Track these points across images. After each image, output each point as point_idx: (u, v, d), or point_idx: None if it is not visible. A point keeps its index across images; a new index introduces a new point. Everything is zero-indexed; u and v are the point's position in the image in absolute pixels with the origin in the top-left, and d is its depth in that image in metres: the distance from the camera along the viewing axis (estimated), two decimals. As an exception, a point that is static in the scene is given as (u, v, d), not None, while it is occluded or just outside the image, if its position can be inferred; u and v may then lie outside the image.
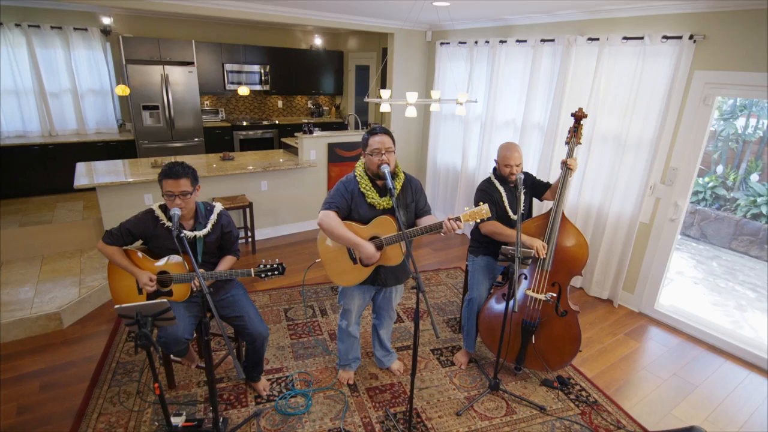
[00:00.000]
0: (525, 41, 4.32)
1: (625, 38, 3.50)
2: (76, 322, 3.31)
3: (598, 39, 3.68)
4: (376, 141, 2.27)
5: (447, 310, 3.73)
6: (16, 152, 5.31)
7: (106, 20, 5.89)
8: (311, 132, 5.10)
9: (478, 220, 2.22)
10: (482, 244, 3.03)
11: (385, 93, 3.23)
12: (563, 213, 2.72)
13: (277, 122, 7.38)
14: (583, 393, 2.80)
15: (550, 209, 2.74)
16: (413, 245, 4.82)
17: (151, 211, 2.26)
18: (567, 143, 2.79)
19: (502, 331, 2.60)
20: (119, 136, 6.09)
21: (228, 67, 6.83)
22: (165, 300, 1.70)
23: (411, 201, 2.46)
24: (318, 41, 7.84)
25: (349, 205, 2.34)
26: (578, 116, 2.80)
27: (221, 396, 2.63)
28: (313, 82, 7.75)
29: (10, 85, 5.51)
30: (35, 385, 2.68)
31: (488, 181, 2.95)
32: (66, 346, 3.05)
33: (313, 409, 2.57)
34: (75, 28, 5.70)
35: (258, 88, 7.22)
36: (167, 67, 5.95)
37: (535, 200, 3.10)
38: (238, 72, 6.95)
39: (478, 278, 2.94)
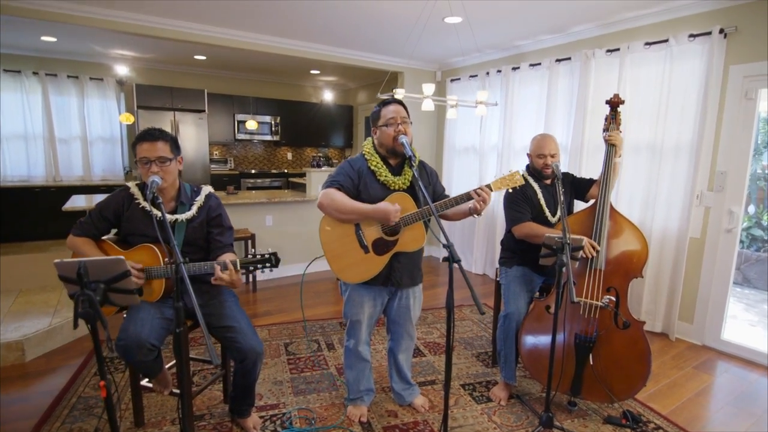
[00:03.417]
0: (539, 64, 4.22)
1: (647, 44, 3.35)
2: (41, 355, 2.82)
3: (618, 49, 3.53)
4: (390, 110, 2.00)
5: (476, 344, 3.18)
6: (15, 194, 5.14)
7: (122, 71, 6.03)
8: (320, 166, 4.89)
9: (510, 189, 1.92)
10: (516, 253, 2.60)
11: (399, 92, 3.03)
12: (611, 205, 2.33)
13: (286, 171, 7.27)
14: (661, 432, 2.19)
15: (595, 201, 2.36)
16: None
17: (126, 189, 1.92)
18: (605, 130, 2.49)
19: (552, 350, 2.09)
20: (125, 182, 5.95)
21: (239, 117, 6.88)
22: (121, 257, 1.30)
23: (428, 185, 2.13)
24: (328, 96, 7.98)
25: (357, 186, 2.00)
26: (614, 103, 2.53)
27: (200, 435, 2.08)
28: (322, 135, 7.76)
29: (20, 131, 5.50)
30: (-28, 423, 2.16)
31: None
32: (23, 380, 2.54)
33: (315, 451, 2.00)
34: (91, 78, 5.82)
35: (268, 138, 7.22)
36: (178, 114, 5.97)
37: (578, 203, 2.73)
38: (249, 122, 6.98)
39: (514, 290, 2.47)
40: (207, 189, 2.04)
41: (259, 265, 1.77)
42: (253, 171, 6.96)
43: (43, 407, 2.26)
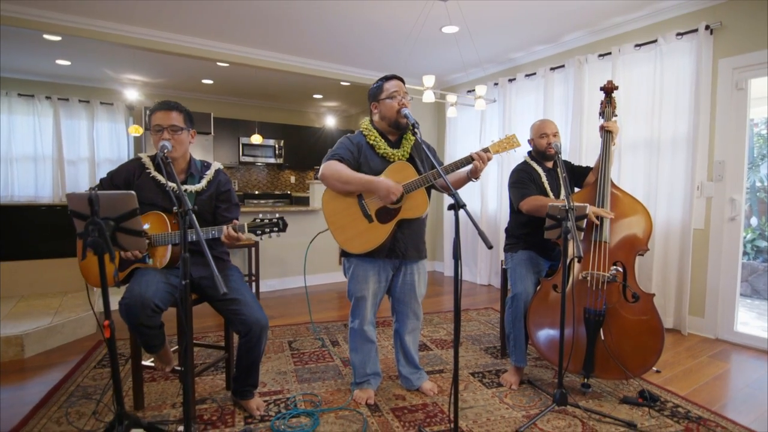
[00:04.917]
0: (534, 74, 4.37)
1: (637, 45, 3.49)
2: (41, 352, 2.77)
3: (609, 53, 3.68)
4: (393, 84, 2.08)
5: (484, 340, 3.11)
6: (20, 212, 5.18)
7: (132, 95, 6.24)
8: (323, 179, 4.96)
9: (509, 151, 1.96)
10: (520, 238, 2.60)
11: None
12: (612, 181, 2.36)
13: (289, 192, 7.35)
14: (680, 409, 2.10)
15: (596, 179, 2.38)
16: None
17: (137, 159, 1.97)
18: (601, 113, 2.56)
19: (562, 325, 2.05)
20: (129, 201, 6.02)
21: (243, 140, 7.04)
22: (132, 192, 1.32)
23: (426, 158, 2.17)
24: (330, 121, 8.18)
25: (357, 159, 2.05)
26: (608, 89, 2.63)
27: (201, 416, 2.01)
28: (325, 158, 7.89)
29: (30, 152, 5.63)
30: (-33, 409, 2.09)
31: (523, 162, 2.66)
32: (20, 373, 2.48)
33: (320, 429, 1.92)
34: (101, 102, 6.03)
35: (272, 161, 7.35)
36: (184, 136, 6.11)
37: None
38: (253, 145, 7.13)
39: (520, 272, 2.45)
40: (217, 164, 2.09)
41: (267, 229, 1.78)
42: (256, 192, 7.04)
43: (41, 395, 2.20)
